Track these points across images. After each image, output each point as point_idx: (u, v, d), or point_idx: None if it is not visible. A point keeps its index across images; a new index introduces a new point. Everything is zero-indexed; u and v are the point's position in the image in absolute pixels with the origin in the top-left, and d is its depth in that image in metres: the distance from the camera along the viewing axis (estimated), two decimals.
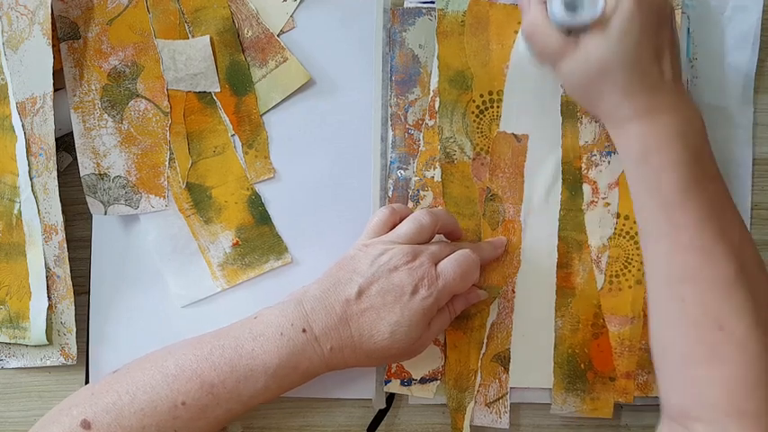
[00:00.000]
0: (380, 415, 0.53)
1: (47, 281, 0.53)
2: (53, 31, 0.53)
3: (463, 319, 0.52)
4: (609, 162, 0.52)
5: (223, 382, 0.42)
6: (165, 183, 0.54)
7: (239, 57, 0.53)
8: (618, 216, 0.52)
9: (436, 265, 0.45)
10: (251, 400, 0.43)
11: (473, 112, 0.53)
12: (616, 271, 0.52)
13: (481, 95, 0.52)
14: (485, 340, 0.52)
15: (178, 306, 0.53)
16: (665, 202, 0.42)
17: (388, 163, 0.53)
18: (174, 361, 0.43)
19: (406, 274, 0.44)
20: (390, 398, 0.53)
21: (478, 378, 0.52)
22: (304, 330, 0.43)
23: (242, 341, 0.43)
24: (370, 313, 0.44)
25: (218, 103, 0.54)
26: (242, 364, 0.42)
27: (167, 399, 0.41)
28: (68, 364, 0.54)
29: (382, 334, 0.44)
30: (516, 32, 0.52)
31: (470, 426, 0.52)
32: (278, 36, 0.54)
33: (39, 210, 0.53)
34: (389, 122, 0.53)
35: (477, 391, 0.52)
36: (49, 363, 0.54)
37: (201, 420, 0.42)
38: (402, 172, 0.53)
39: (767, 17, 0.54)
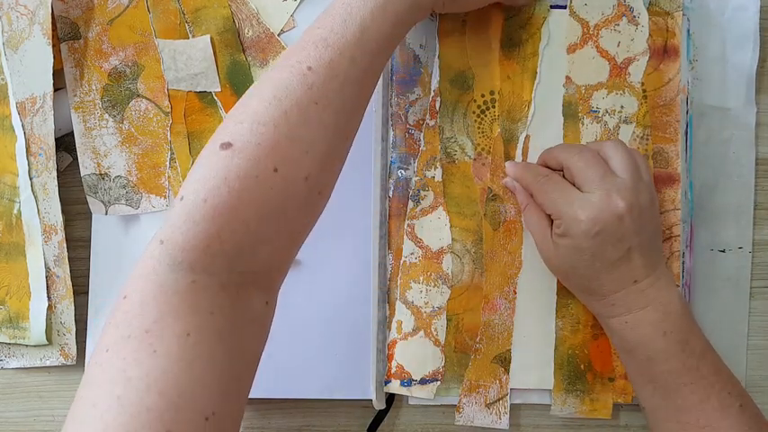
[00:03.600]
0: (380, 415, 0.53)
1: (46, 281, 0.53)
2: (53, 31, 0.53)
3: (514, 48, 0.52)
4: None
5: (331, 30, 0.40)
6: (166, 183, 0.54)
7: (240, 56, 0.53)
8: None
9: None
10: (365, 37, 0.40)
11: (474, 112, 0.52)
12: None
13: (482, 95, 0.52)
14: (538, 70, 0.52)
15: None
16: (662, 389, 0.45)
17: (389, 163, 0.53)
18: (280, 58, 0.41)
19: None
20: (390, 398, 0.53)
21: (532, 109, 0.52)
22: None
23: (330, 4, 0.42)
24: None
25: (219, 102, 0.54)
26: (337, 7, 0.41)
27: (294, 74, 0.38)
28: (68, 364, 0.54)
29: None
30: (517, 30, 0.52)
31: (470, 427, 0.52)
32: (278, 36, 0.54)
33: (38, 210, 0.53)
34: (390, 122, 0.53)
35: (478, 391, 0.52)
36: (48, 363, 0.54)
37: (335, 81, 0.39)
38: (402, 172, 0.53)
39: (766, 17, 0.54)
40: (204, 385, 0.33)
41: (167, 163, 0.54)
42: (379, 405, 0.52)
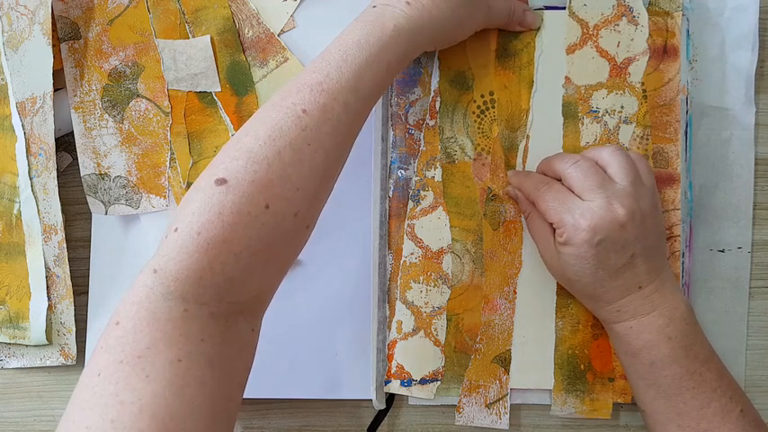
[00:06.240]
0: (380, 415, 0.53)
1: (46, 281, 0.53)
2: (53, 31, 0.53)
3: (510, 58, 0.53)
4: None
5: (327, 75, 0.41)
6: (166, 183, 0.54)
7: (240, 57, 0.53)
8: None
9: None
10: (359, 83, 0.42)
11: (474, 113, 0.52)
12: None
13: (482, 96, 0.52)
14: (535, 77, 0.52)
15: None
16: (664, 393, 0.45)
17: (389, 163, 0.53)
18: (275, 98, 0.42)
19: None
20: (390, 398, 0.53)
21: (530, 117, 0.52)
22: (374, 6, 0.45)
23: (325, 49, 0.43)
24: None
25: (219, 102, 0.54)
26: (333, 53, 0.42)
27: (289, 116, 0.40)
28: (68, 364, 0.54)
29: None
30: (511, 40, 0.52)
31: (470, 427, 0.52)
32: (278, 36, 0.54)
33: (38, 210, 0.53)
34: (390, 122, 0.53)
35: (478, 391, 0.52)
36: (48, 363, 0.54)
37: (327, 124, 0.40)
38: (403, 172, 0.53)
39: (766, 17, 0.54)
40: (194, 409, 0.34)
41: (167, 163, 0.54)
42: (379, 405, 0.52)
